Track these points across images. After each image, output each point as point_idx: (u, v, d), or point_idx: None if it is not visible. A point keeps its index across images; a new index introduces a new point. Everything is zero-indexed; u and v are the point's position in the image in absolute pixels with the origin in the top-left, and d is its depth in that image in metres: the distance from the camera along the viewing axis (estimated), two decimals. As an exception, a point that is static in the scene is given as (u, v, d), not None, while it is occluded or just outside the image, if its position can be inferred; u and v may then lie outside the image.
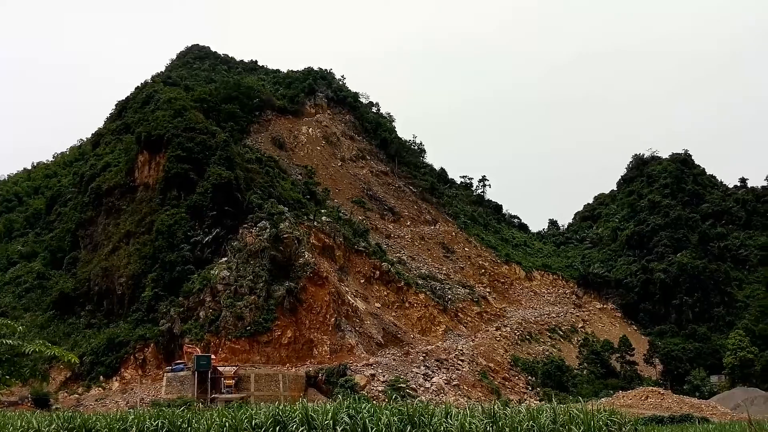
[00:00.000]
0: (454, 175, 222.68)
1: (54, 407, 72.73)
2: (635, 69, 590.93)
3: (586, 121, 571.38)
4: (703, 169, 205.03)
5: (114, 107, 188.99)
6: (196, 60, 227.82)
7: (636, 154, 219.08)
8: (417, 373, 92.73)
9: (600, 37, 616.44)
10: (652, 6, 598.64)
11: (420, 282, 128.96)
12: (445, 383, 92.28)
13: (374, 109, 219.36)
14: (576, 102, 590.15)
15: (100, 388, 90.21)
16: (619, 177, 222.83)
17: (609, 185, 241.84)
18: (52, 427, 21.36)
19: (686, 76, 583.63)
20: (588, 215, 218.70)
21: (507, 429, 16.64)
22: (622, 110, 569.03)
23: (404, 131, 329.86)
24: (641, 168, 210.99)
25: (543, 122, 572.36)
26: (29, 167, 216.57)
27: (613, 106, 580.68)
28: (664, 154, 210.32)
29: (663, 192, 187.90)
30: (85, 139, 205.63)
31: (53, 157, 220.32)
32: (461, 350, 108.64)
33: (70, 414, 23.58)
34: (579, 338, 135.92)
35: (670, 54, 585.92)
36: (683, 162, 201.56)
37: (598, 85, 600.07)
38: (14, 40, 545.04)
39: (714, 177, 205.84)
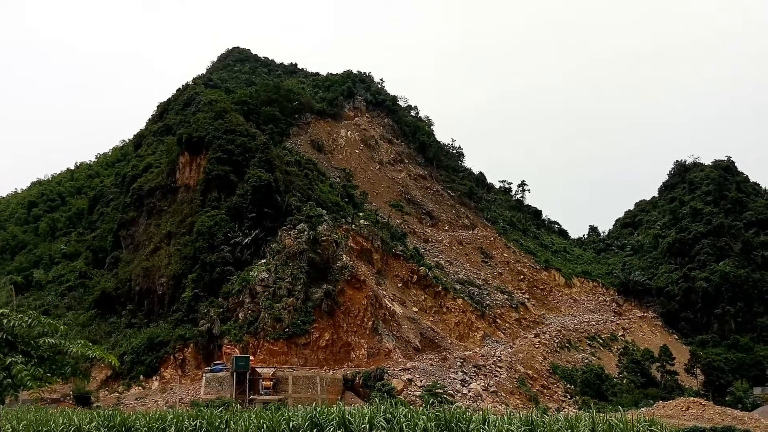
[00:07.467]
0: (493, 179, 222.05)
1: (95, 405, 73.65)
2: (676, 70, 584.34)
3: (627, 125, 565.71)
4: (747, 176, 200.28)
5: (156, 109, 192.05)
6: (236, 62, 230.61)
7: (677, 161, 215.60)
8: (454, 378, 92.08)
9: (638, 37, 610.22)
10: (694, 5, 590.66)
11: (458, 287, 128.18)
12: (483, 390, 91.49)
13: (413, 113, 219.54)
14: (615, 104, 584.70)
15: (140, 387, 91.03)
16: (661, 183, 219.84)
17: (650, 192, 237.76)
18: (93, 424, 21.59)
19: (729, 79, 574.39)
20: (629, 222, 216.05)
21: (544, 437, 16.45)
22: (663, 113, 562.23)
23: (442, 134, 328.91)
24: (683, 174, 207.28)
25: (583, 126, 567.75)
26: (72, 167, 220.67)
27: (653, 108, 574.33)
28: (707, 161, 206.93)
29: (705, 199, 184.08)
30: (127, 140, 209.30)
31: (96, 157, 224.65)
32: (499, 357, 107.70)
33: (110, 412, 23.84)
34: (619, 347, 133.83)
35: (713, 55, 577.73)
36: (726, 169, 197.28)
37: (636, 87, 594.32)
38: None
39: (758, 184, 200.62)
